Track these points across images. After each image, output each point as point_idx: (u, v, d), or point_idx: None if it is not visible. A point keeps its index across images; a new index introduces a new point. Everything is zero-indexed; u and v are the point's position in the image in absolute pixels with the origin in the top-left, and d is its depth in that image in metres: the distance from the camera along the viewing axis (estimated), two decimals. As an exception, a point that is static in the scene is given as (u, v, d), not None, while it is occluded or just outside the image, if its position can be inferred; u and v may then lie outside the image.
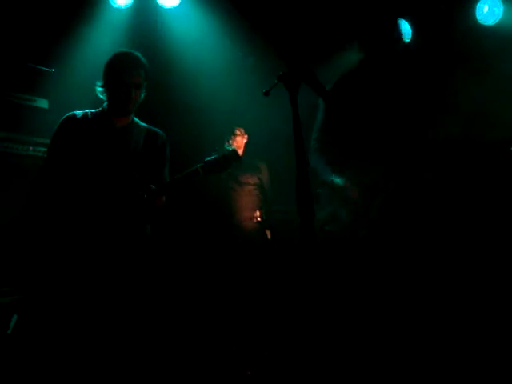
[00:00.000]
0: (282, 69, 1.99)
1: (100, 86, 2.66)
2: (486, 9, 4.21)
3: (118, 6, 4.08)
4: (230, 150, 2.66)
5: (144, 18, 4.30)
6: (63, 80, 3.78)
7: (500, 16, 4.18)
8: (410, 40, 3.74)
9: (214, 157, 2.62)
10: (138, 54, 2.68)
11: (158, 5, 4.20)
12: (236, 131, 4.42)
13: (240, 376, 3.45)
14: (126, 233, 2.53)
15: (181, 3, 4.22)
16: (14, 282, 3.09)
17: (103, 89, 2.66)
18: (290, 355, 3.50)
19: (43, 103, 3.66)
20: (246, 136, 4.45)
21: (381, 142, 2.74)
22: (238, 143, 4.39)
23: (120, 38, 4.09)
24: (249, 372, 3.48)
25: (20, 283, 3.04)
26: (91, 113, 2.69)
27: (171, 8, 4.23)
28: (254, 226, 4.32)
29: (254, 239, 4.31)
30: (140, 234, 2.64)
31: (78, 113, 2.66)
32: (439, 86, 3.42)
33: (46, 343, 2.35)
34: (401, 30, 2.98)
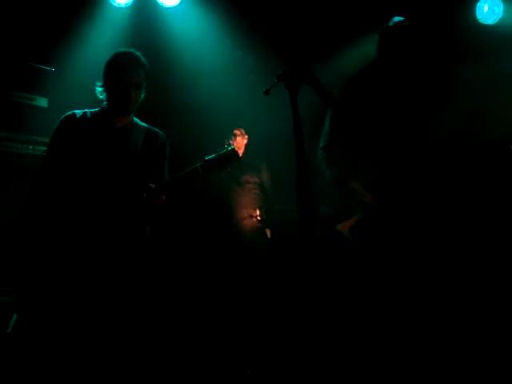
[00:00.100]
0: (282, 68, 1.98)
1: (100, 85, 2.65)
2: (486, 8, 4.21)
3: (118, 5, 4.08)
4: (230, 149, 2.65)
5: (144, 17, 4.30)
6: (63, 79, 3.78)
7: (500, 15, 4.19)
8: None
9: (214, 156, 2.61)
10: (138, 53, 2.67)
11: (158, 4, 4.20)
12: (236, 131, 4.40)
13: (240, 375, 3.45)
14: (126, 232, 2.53)
15: (181, 2, 4.22)
16: (14, 281, 3.09)
17: (103, 89, 2.65)
18: (289, 354, 3.51)
19: (43, 102, 3.66)
20: (246, 136, 4.44)
21: (386, 145, 2.74)
22: (239, 144, 4.38)
23: (120, 37, 4.09)
24: (249, 371, 3.48)
25: (20, 283, 3.04)
26: (91, 112, 2.68)
27: (171, 7, 4.23)
28: (254, 225, 4.32)
29: (254, 238, 4.30)
30: (139, 233, 2.63)
31: (78, 112, 2.66)
32: (439, 85, 3.41)
33: (46, 342, 2.34)
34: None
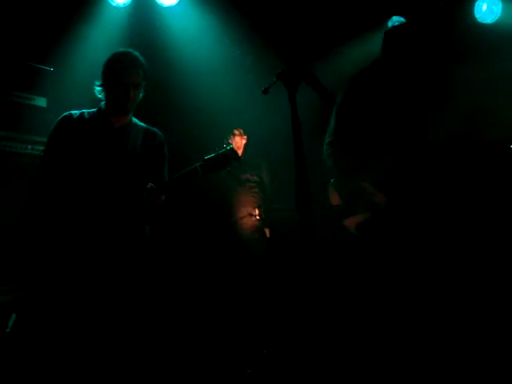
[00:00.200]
0: (281, 67, 1.98)
1: (98, 85, 2.65)
2: (484, 7, 4.22)
3: (116, 5, 4.08)
4: (229, 148, 2.64)
5: (142, 17, 4.30)
6: (62, 79, 3.77)
7: (498, 14, 4.19)
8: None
9: (213, 155, 2.61)
10: (137, 53, 2.66)
11: (156, 3, 4.20)
12: (235, 131, 4.42)
13: (240, 375, 3.45)
14: (125, 232, 2.53)
15: (179, 2, 4.22)
16: (13, 280, 3.09)
17: (101, 88, 2.65)
18: (289, 354, 3.51)
19: (42, 102, 3.66)
20: (244, 137, 4.45)
21: (389, 144, 2.74)
22: (237, 143, 4.39)
23: (119, 37, 4.09)
24: (248, 371, 3.48)
25: (19, 282, 3.04)
26: (88, 112, 2.68)
27: (169, 6, 4.23)
28: (254, 224, 4.32)
29: (253, 237, 4.30)
30: (139, 233, 2.63)
31: (75, 112, 2.65)
32: (439, 85, 3.41)
33: (45, 342, 2.34)
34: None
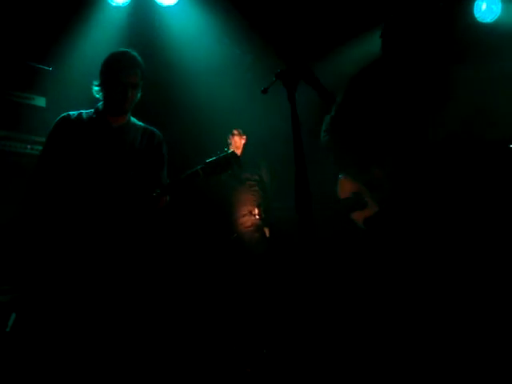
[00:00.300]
0: (281, 66, 1.98)
1: (96, 85, 2.66)
2: (484, 6, 4.22)
3: (116, 4, 4.07)
4: (230, 152, 2.68)
5: (142, 16, 4.29)
6: (61, 78, 3.78)
7: (498, 13, 4.19)
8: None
9: (214, 158, 2.63)
10: (135, 53, 2.67)
11: (155, 3, 4.19)
12: (234, 131, 4.45)
13: (240, 374, 3.45)
14: (124, 232, 2.53)
15: (178, 1, 4.21)
16: (13, 280, 3.09)
17: (99, 88, 2.65)
18: (289, 353, 3.51)
19: (41, 101, 3.66)
20: (244, 137, 4.47)
21: (389, 145, 2.75)
22: (237, 143, 4.43)
23: (118, 36, 4.08)
24: (248, 370, 3.49)
25: (18, 281, 3.04)
26: (86, 113, 2.68)
27: (169, 6, 4.23)
28: (253, 223, 4.33)
29: (253, 236, 4.31)
30: (138, 233, 2.63)
31: (73, 113, 2.65)
32: (438, 84, 3.41)
33: (45, 342, 2.34)
34: None
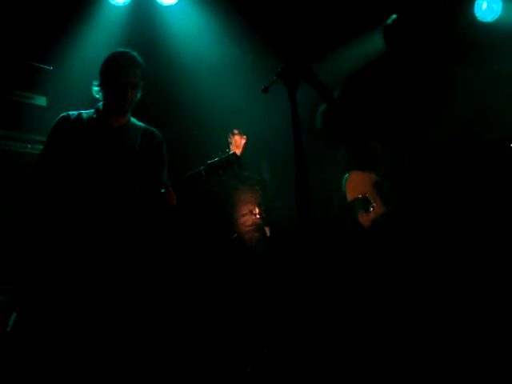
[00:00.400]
0: (281, 66, 1.98)
1: (96, 85, 2.66)
2: (484, 5, 4.21)
3: (116, 4, 4.07)
4: (231, 153, 2.71)
5: (142, 16, 4.29)
6: (61, 78, 3.77)
7: (499, 13, 4.18)
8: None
9: (216, 159, 2.66)
10: (135, 53, 2.67)
11: (156, 2, 4.19)
12: (234, 131, 4.47)
13: (240, 373, 3.45)
14: (125, 231, 2.53)
15: (179, 1, 4.21)
16: (13, 280, 3.09)
17: (99, 88, 2.65)
18: (288, 352, 3.51)
19: (41, 101, 3.66)
20: (244, 136, 4.50)
21: (391, 142, 2.75)
22: (237, 142, 4.45)
23: (118, 36, 4.08)
24: (248, 369, 3.49)
25: (19, 281, 3.04)
26: (86, 113, 2.68)
27: (169, 5, 4.22)
28: (254, 222, 4.33)
29: (254, 235, 4.31)
30: (139, 232, 2.63)
31: (73, 113, 2.66)
32: (438, 84, 3.41)
33: (45, 341, 2.34)
34: None
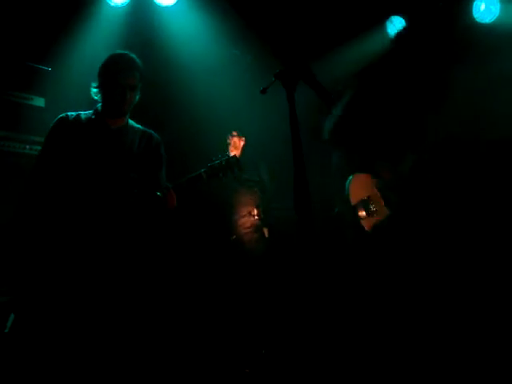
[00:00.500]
0: (279, 67, 1.98)
1: (95, 87, 2.65)
2: (482, 7, 4.21)
3: (114, 5, 4.07)
4: (232, 156, 2.72)
5: (141, 17, 4.28)
6: (60, 78, 3.77)
7: (497, 14, 4.19)
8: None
9: (217, 162, 2.68)
10: (133, 55, 2.67)
11: (154, 3, 4.19)
12: (233, 132, 4.48)
13: (238, 374, 3.45)
14: (123, 233, 2.52)
15: (177, 1, 4.21)
16: (11, 281, 3.08)
17: (98, 90, 2.65)
18: (287, 353, 3.51)
19: (40, 102, 3.65)
20: (243, 138, 4.50)
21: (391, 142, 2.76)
22: (236, 144, 4.46)
23: (117, 37, 4.07)
24: (247, 370, 3.49)
25: (17, 282, 3.03)
26: (85, 114, 2.68)
27: (168, 6, 4.22)
28: (253, 223, 4.34)
29: (253, 236, 4.32)
30: (137, 234, 2.62)
31: (71, 114, 2.65)
32: (438, 85, 3.41)
33: (43, 343, 2.34)
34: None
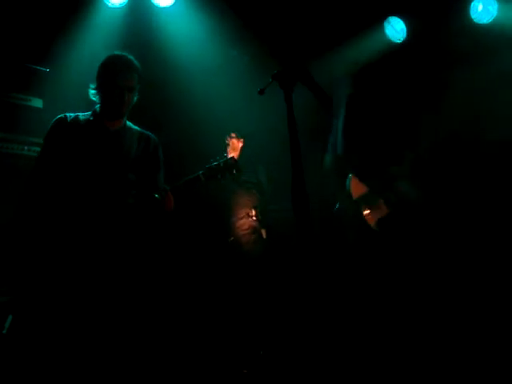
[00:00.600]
0: (277, 67, 1.98)
1: (93, 88, 2.65)
2: (480, 7, 4.22)
3: (112, 5, 4.06)
4: (230, 158, 2.74)
5: (139, 17, 4.27)
6: (58, 79, 3.76)
7: (494, 14, 4.19)
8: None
9: (215, 164, 2.69)
10: (131, 56, 2.67)
11: (152, 4, 4.19)
12: (232, 133, 4.48)
13: (236, 375, 3.45)
14: (122, 234, 2.52)
15: (175, 2, 4.20)
16: (9, 281, 3.08)
17: (96, 91, 2.64)
18: (285, 354, 3.51)
19: (38, 103, 3.65)
20: (241, 140, 4.50)
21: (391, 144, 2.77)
22: (234, 145, 4.45)
23: (115, 38, 4.07)
24: (245, 371, 3.48)
25: (15, 283, 3.03)
26: (83, 115, 2.67)
27: (166, 7, 4.21)
28: (251, 225, 4.34)
29: (251, 238, 4.32)
30: (135, 235, 2.62)
31: (70, 115, 2.65)
32: (436, 85, 3.42)
33: (42, 344, 2.34)
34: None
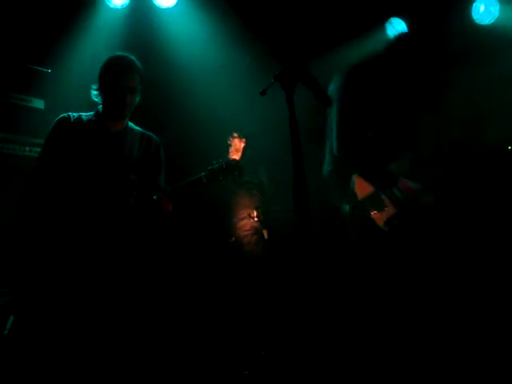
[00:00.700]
0: (279, 68, 1.98)
1: (95, 89, 2.65)
2: (482, 8, 4.22)
3: (114, 6, 4.08)
4: (232, 159, 2.74)
5: (140, 18, 4.29)
6: (59, 80, 3.77)
7: (496, 15, 4.19)
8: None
9: (217, 166, 2.68)
10: (133, 57, 2.66)
11: (154, 5, 4.20)
12: (234, 134, 4.48)
13: (237, 376, 3.44)
14: (123, 235, 2.52)
15: (177, 3, 4.22)
16: (10, 282, 3.08)
17: (98, 92, 2.65)
18: (286, 355, 3.50)
19: (39, 104, 3.65)
20: (243, 140, 4.50)
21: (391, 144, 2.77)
22: (236, 145, 4.45)
23: (116, 39, 4.08)
24: (246, 372, 3.48)
25: (16, 284, 3.03)
26: (86, 115, 2.68)
27: (167, 8, 4.23)
28: (252, 225, 4.34)
29: (253, 238, 4.32)
30: (136, 236, 2.63)
31: (73, 115, 2.65)
32: (437, 85, 3.41)
33: (43, 344, 2.34)
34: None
